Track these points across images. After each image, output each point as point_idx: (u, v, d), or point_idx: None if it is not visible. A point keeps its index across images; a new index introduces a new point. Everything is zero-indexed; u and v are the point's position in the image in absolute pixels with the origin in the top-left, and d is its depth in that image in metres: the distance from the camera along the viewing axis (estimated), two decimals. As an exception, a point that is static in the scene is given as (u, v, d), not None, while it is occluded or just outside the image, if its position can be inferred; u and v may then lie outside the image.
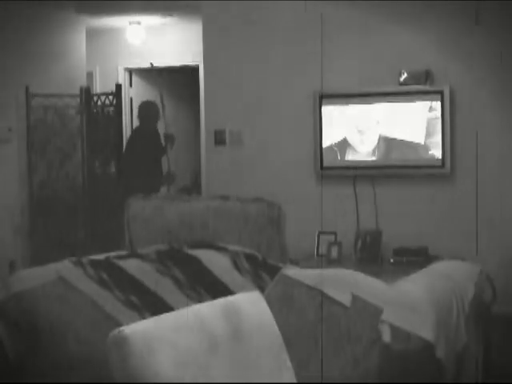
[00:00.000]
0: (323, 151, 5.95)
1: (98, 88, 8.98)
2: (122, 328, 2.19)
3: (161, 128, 7.67)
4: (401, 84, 5.76)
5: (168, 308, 2.69)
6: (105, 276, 2.86)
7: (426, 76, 5.69)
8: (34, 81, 7.09)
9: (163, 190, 7.58)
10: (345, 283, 2.74)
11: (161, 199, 3.64)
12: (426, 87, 5.68)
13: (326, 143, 5.95)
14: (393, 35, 5.83)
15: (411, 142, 5.74)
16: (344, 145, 5.91)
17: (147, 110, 7.57)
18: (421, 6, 5.68)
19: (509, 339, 4.32)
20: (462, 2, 5.53)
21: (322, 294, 2.66)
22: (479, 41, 5.59)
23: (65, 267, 2.92)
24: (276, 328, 2.50)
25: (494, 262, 5.10)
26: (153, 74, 9.19)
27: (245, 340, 2.37)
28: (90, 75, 8.63)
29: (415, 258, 5.37)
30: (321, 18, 5.96)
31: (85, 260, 2.98)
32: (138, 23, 8.55)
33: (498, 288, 3.36)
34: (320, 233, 5.87)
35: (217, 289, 2.92)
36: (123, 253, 3.20)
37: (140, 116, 7.65)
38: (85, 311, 2.74)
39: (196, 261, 3.06)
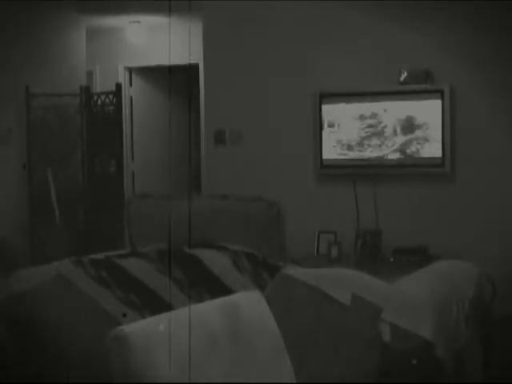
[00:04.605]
0: (323, 151, 5.95)
1: (98, 87, 8.98)
2: (121, 327, 2.19)
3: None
4: (401, 84, 5.75)
5: (168, 307, 2.69)
6: (105, 275, 2.86)
7: (426, 75, 5.68)
8: (34, 81, 7.08)
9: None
10: (345, 283, 2.74)
11: (161, 198, 3.65)
12: (426, 87, 5.67)
13: (325, 143, 5.94)
14: (393, 35, 5.82)
15: (411, 142, 5.73)
16: (344, 144, 5.90)
17: None
18: (421, 5, 5.67)
19: (509, 339, 4.31)
20: (462, 2, 5.52)
21: (322, 294, 2.66)
22: (479, 41, 5.59)
23: (65, 266, 2.92)
24: (276, 328, 2.50)
25: (494, 262, 5.09)
26: (153, 74, 9.19)
27: (244, 339, 2.37)
28: (90, 74, 8.62)
29: (415, 257, 5.36)
30: (321, 19, 5.97)
31: (85, 259, 2.98)
32: (138, 23, 8.55)
33: (498, 288, 3.36)
34: (320, 232, 5.86)
35: (217, 288, 2.92)
36: (123, 252, 3.20)
37: None
38: (85, 310, 2.73)
39: (196, 260, 3.06)
